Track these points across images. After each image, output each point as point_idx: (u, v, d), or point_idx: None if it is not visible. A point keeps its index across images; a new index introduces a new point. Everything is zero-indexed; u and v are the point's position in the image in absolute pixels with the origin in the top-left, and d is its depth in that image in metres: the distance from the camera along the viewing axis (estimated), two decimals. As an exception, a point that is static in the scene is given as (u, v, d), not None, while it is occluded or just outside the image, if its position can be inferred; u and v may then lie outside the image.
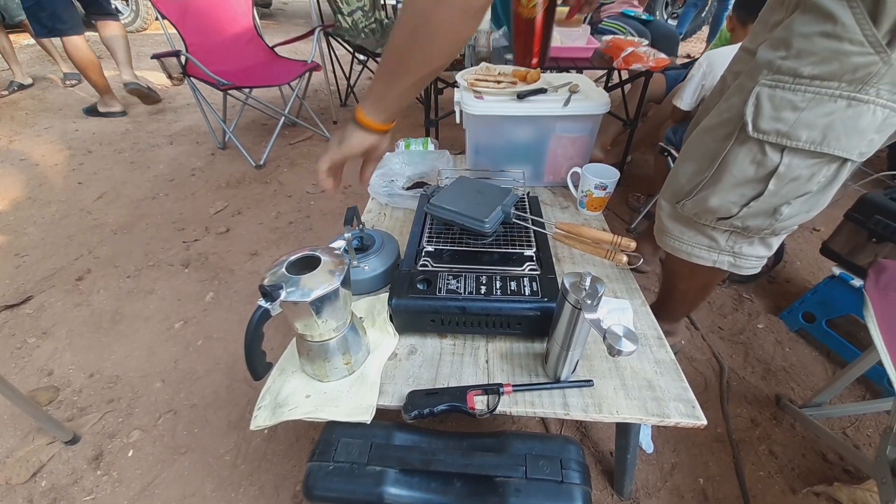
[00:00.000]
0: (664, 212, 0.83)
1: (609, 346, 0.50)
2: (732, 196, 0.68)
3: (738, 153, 0.65)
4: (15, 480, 0.91)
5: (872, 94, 0.53)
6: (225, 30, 2.18)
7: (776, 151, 0.61)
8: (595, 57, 1.57)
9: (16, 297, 1.43)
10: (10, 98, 3.01)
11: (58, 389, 1.15)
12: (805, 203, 0.65)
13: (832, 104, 0.55)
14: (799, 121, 0.58)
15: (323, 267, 0.61)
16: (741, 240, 0.75)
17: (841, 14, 0.52)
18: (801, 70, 0.56)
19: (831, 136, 0.57)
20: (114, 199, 1.99)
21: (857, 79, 0.53)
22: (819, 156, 0.59)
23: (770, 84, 0.59)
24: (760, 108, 0.60)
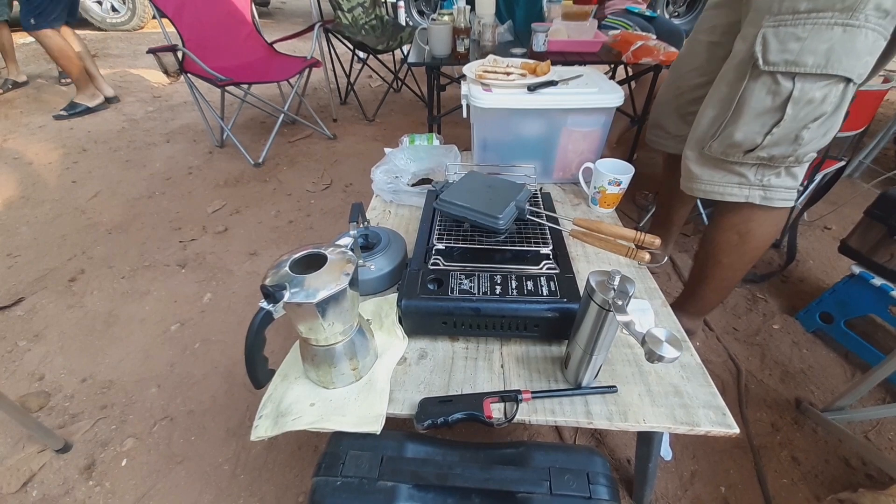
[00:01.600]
0: (691, 160, 0.86)
1: (649, 351, 0.45)
2: (755, 126, 0.73)
3: (753, 88, 0.71)
4: (6, 490, 0.86)
5: (862, 20, 0.61)
6: (223, 25, 2.14)
7: (788, 79, 0.67)
8: (602, 51, 1.53)
9: (7, 299, 1.39)
10: (5, 96, 2.96)
11: (49, 395, 1.10)
12: (821, 126, 0.71)
13: (830, 31, 0.63)
14: (804, 49, 0.65)
15: (329, 266, 0.57)
16: (769, 172, 0.79)
17: None
18: (798, 6, 0.64)
19: (833, 59, 0.64)
20: (109, 198, 1.94)
21: (846, 7, 0.61)
22: (826, 77, 0.66)
23: (773, 24, 0.67)
24: (768, 44, 0.68)
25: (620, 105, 1.04)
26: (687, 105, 1.00)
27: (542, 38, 1.44)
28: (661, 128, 1.08)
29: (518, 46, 1.58)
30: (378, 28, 2.59)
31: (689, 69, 0.97)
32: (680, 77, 1.00)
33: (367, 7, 2.52)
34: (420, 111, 2.76)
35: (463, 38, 1.48)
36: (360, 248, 0.84)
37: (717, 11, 0.89)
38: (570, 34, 1.55)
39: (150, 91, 3.11)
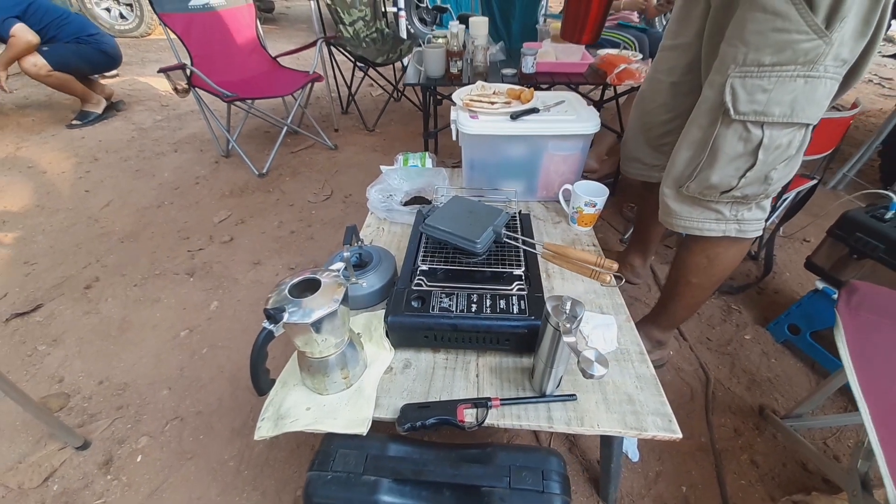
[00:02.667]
0: (669, 197, 0.92)
1: (582, 370, 0.54)
2: (730, 170, 0.79)
3: (725, 135, 0.77)
4: (28, 485, 0.95)
5: (822, 71, 0.67)
6: (229, 41, 2.23)
7: (757, 127, 0.73)
8: (589, 72, 1.61)
9: (26, 305, 1.48)
10: (18, 105, 3.07)
11: (68, 396, 1.19)
12: (787, 166, 0.78)
13: (793, 83, 0.68)
14: (770, 100, 0.70)
15: (323, 290, 0.65)
16: (742, 207, 0.86)
17: (786, 10, 0.65)
18: (763, 60, 0.69)
19: (797, 108, 0.70)
20: (120, 207, 2.03)
21: (808, 60, 0.66)
22: (791, 125, 0.72)
23: (740, 75, 0.72)
24: (736, 94, 0.73)
25: (597, 130, 1.12)
26: (658, 138, 1.06)
27: (530, 60, 1.52)
28: (637, 160, 1.14)
29: (510, 66, 1.67)
30: (378, 41, 2.67)
31: (654, 105, 1.04)
32: (646, 113, 1.07)
33: (367, 21, 2.61)
34: (419, 121, 2.83)
35: (455, 60, 1.56)
36: (353, 266, 0.93)
37: (673, 53, 0.95)
38: (558, 56, 1.63)
39: (159, 100, 3.21)
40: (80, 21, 2.63)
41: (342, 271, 0.73)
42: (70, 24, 2.55)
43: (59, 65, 2.49)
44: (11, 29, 2.28)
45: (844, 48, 0.66)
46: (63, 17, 2.53)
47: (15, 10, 2.35)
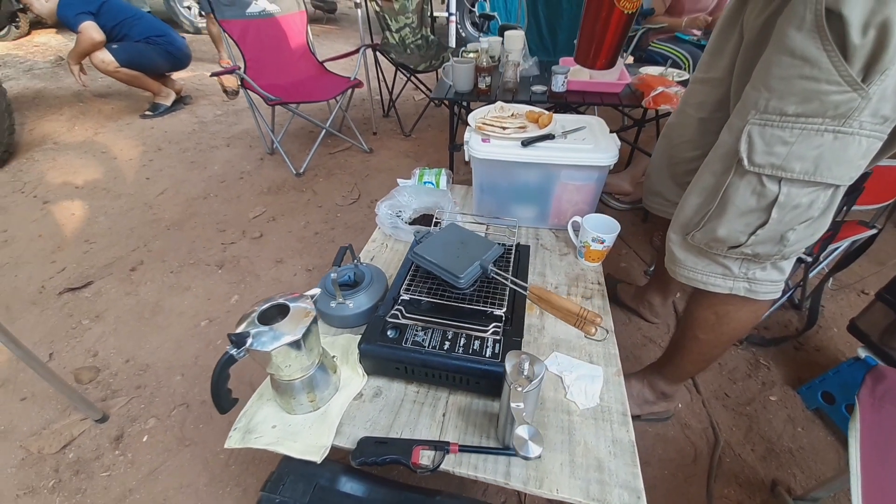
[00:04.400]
0: (675, 244, 0.84)
1: (515, 448, 0.51)
2: (738, 225, 0.71)
3: (738, 185, 0.69)
4: (47, 450, 1.07)
5: (856, 127, 0.57)
6: (280, 46, 2.35)
7: (774, 182, 0.65)
8: (625, 93, 1.51)
9: (79, 281, 1.66)
10: (101, 93, 3.42)
11: (99, 370, 1.32)
12: (808, 228, 0.68)
13: (819, 138, 0.59)
14: (791, 154, 0.62)
15: (289, 318, 0.67)
16: (753, 266, 0.77)
17: (816, 57, 0.56)
18: (786, 109, 0.61)
19: (822, 166, 0.61)
20: (172, 195, 2.22)
21: (839, 114, 0.57)
22: (814, 184, 0.63)
23: (759, 122, 0.64)
24: (753, 144, 0.64)
25: (614, 163, 1.05)
26: (682, 175, 0.98)
27: (560, 79, 1.45)
28: (659, 195, 1.07)
29: (542, 83, 1.61)
30: (423, 47, 2.69)
31: (681, 140, 0.96)
32: (673, 147, 0.99)
33: (414, 28, 2.64)
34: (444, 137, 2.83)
35: (484, 75, 1.53)
36: (342, 285, 0.95)
37: (703, 87, 0.88)
38: (592, 74, 1.55)
39: (221, 96, 3.46)
40: (151, 22, 2.86)
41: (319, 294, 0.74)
42: (141, 24, 2.77)
43: (127, 62, 2.71)
44: (80, 25, 2.51)
45: (886, 104, 0.56)
46: (135, 17, 2.76)
47: (89, 6, 2.57)
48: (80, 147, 2.68)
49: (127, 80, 2.83)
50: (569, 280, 1.06)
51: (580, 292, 1.02)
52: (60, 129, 2.91)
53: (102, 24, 2.59)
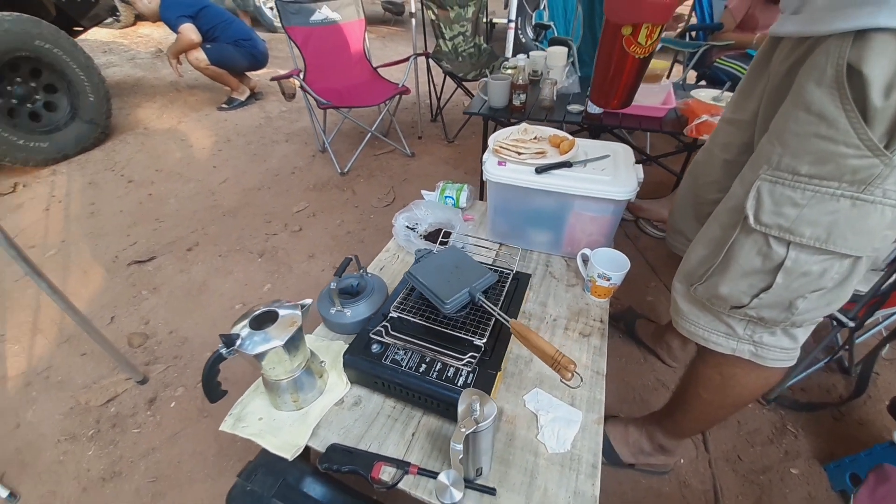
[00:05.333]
0: (679, 294, 0.80)
1: (436, 493, 0.52)
2: (741, 286, 0.66)
3: (743, 243, 0.64)
4: (92, 403, 1.25)
5: (879, 195, 0.52)
6: (339, 52, 2.49)
7: (781, 245, 0.60)
8: (669, 118, 1.43)
9: (145, 255, 1.89)
10: (190, 85, 3.82)
11: (147, 337, 1.51)
12: (822, 298, 0.62)
13: (834, 203, 0.54)
14: (801, 217, 0.57)
15: (277, 325, 0.73)
16: (760, 329, 0.71)
17: (835, 116, 0.51)
18: (799, 168, 0.56)
19: (836, 235, 0.55)
20: (233, 185, 2.44)
21: (858, 180, 0.52)
22: (827, 253, 0.57)
23: (770, 179, 0.59)
24: (761, 201, 0.60)
25: (630, 198, 1.01)
26: (707, 216, 0.91)
27: (597, 101, 1.40)
28: (682, 234, 1.00)
29: (581, 102, 1.56)
30: (475, 55, 2.71)
31: (707, 180, 0.90)
32: (698, 186, 0.93)
33: (468, 36, 2.66)
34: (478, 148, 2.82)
35: (519, 92, 1.52)
36: (345, 293, 1.01)
37: (730, 128, 0.81)
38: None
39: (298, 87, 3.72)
40: (240, 26, 3.18)
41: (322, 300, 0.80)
42: (232, 28, 3.09)
43: (216, 61, 3.04)
44: (180, 27, 2.85)
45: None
46: (228, 22, 3.09)
47: (189, 10, 2.91)
48: (165, 133, 3.03)
49: (213, 76, 3.15)
50: (570, 313, 1.03)
51: (579, 328, 0.99)
52: (151, 115, 3.31)
53: (199, 27, 2.92)
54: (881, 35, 0.47)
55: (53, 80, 2.60)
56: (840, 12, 0.50)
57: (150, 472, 1.10)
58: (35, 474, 1.09)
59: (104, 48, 5.00)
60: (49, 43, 2.50)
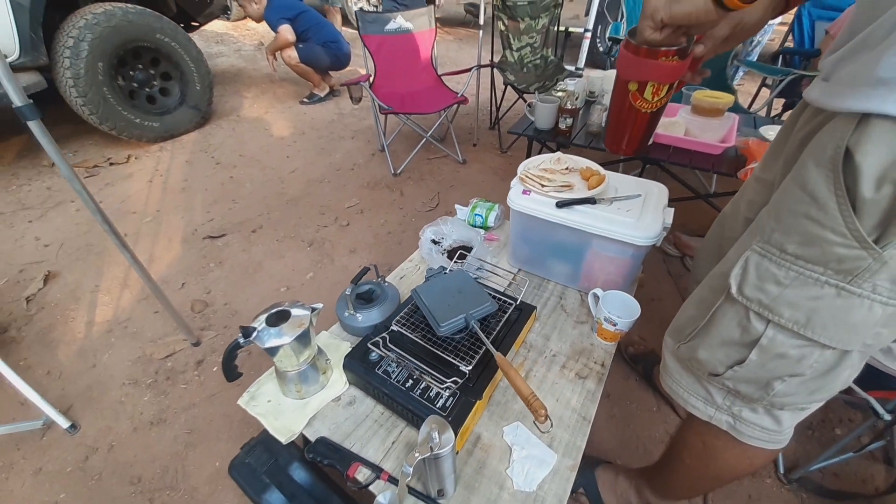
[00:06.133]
0: (668, 348, 0.78)
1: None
2: (718, 354, 0.65)
3: (726, 311, 0.62)
4: (156, 356, 1.48)
5: (867, 289, 0.48)
6: (408, 58, 2.61)
7: (760, 321, 0.57)
8: (728, 155, 1.32)
9: (218, 232, 2.16)
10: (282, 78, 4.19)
11: (206, 304, 1.74)
12: (803, 385, 0.59)
13: (818, 289, 0.51)
14: (781, 297, 0.54)
15: (288, 323, 0.84)
16: (740, 402, 0.68)
17: (825, 199, 0.48)
18: (787, 246, 0.53)
19: (816, 323, 0.52)
20: (300, 175, 2.67)
21: (844, 270, 0.49)
22: (806, 339, 0.54)
23: (760, 252, 0.57)
24: (747, 273, 0.58)
25: (651, 244, 0.98)
26: None
27: (646, 133, 1.34)
28: None
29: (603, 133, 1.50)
30: (541, 67, 2.68)
31: (730, 236, 0.84)
32: (723, 238, 0.87)
33: (535, 47, 2.64)
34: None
35: (566, 116, 1.50)
36: (359, 298, 1.09)
37: (756, 186, 0.76)
38: (690, 129, 1.39)
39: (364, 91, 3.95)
40: (330, 29, 3.45)
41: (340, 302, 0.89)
42: (322, 31, 3.37)
43: (306, 60, 3.33)
44: (279, 28, 3.17)
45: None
46: (319, 25, 3.37)
47: (288, 13, 3.24)
48: (253, 122, 3.38)
49: (300, 72, 3.47)
50: (572, 351, 1.03)
51: (577, 368, 0.99)
52: (245, 104, 3.70)
53: (295, 28, 3.24)
54: (883, 122, 0.43)
55: (169, 69, 3.02)
56: (856, 90, 0.46)
57: (187, 425, 1.29)
58: (98, 410, 1.33)
59: (217, 39, 5.65)
60: (168, 37, 2.90)
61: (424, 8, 2.54)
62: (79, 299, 1.76)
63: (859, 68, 0.47)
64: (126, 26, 2.65)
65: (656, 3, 0.51)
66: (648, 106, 0.64)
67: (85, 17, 2.51)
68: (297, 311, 0.86)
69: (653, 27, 0.54)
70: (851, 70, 0.49)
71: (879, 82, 0.43)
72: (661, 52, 0.57)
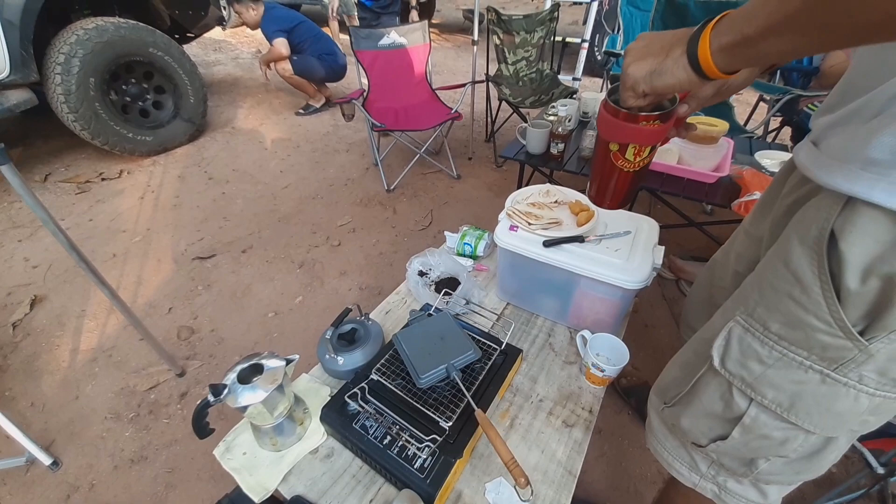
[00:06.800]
0: (653, 407, 0.75)
1: None
2: (702, 425, 0.62)
3: (709, 382, 0.59)
4: (139, 388, 1.46)
5: (853, 378, 0.45)
6: (402, 74, 2.59)
7: (744, 398, 0.55)
8: (722, 183, 1.29)
9: (207, 252, 2.13)
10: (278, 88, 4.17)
11: (193, 331, 1.71)
12: (788, 465, 0.57)
13: (801, 373, 0.48)
14: (764, 376, 0.52)
15: (262, 378, 0.80)
16: (724, 472, 0.65)
17: (809, 283, 0.45)
18: (770, 324, 0.50)
19: (800, 407, 0.50)
20: (292, 191, 2.64)
21: (829, 357, 0.46)
22: (790, 423, 0.52)
23: (743, 325, 0.54)
24: (730, 347, 0.55)
25: (640, 287, 0.94)
26: None
27: (639, 161, 1.31)
28: (692, 329, 0.92)
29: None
30: (536, 81, 2.65)
31: (720, 285, 0.81)
32: (713, 286, 0.84)
33: (531, 61, 2.61)
34: None
35: (557, 141, 1.47)
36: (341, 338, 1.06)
37: (745, 240, 0.73)
38: (683, 157, 1.35)
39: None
40: (327, 42, 3.43)
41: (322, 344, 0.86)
42: (318, 43, 3.35)
43: (300, 72, 3.31)
44: (274, 41, 3.15)
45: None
46: (315, 37, 3.34)
47: (286, 24, 3.22)
48: (248, 134, 3.36)
49: (295, 84, 3.45)
50: (560, 396, 0.99)
51: (564, 415, 0.95)
52: (240, 115, 3.68)
53: (291, 39, 3.21)
54: (870, 210, 0.40)
55: (162, 82, 3.00)
56: (844, 167, 0.43)
57: (168, 463, 1.26)
58: (79, 446, 1.30)
59: (214, 46, 5.63)
60: (161, 51, 2.88)
61: (419, 23, 2.52)
62: (64, 325, 1.73)
63: (849, 142, 0.44)
64: (118, 41, 2.63)
65: (636, 75, 0.48)
66: (630, 166, 0.61)
67: (76, 33, 2.50)
68: (272, 362, 0.83)
69: (634, 97, 0.51)
70: (841, 142, 0.45)
71: (869, 163, 0.40)
72: (641, 116, 0.54)
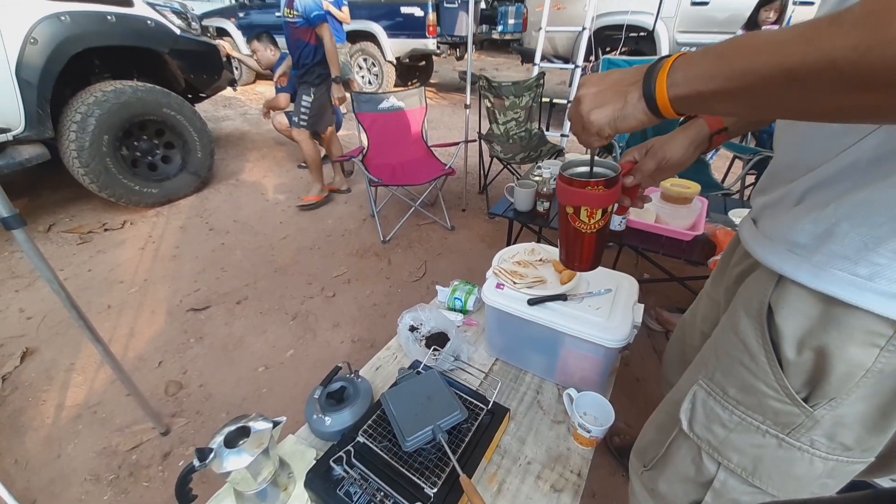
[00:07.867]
0: (633, 469, 0.75)
1: None
2: (677, 489, 0.62)
3: (681, 445, 0.61)
4: (121, 448, 1.42)
5: (805, 443, 0.48)
6: (399, 133, 2.76)
7: (712, 462, 0.56)
8: (698, 242, 1.35)
9: (202, 304, 2.15)
10: (279, 141, 4.38)
11: (181, 387, 1.69)
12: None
13: (760, 437, 0.50)
14: (728, 440, 0.53)
15: (247, 444, 0.80)
16: None
17: (756, 351, 0.49)
18: (728, 389, 0.53)
19: (762, 471, 0.51)
20: (290, 242, 2.71)
21: (781, 423, 0.48)
22: (756, 487, 0.53)
23: (705, 389, 0.56)
24: (695, 411, 0.57)
25: (621, 346, 0.97)
26: None
27: (618, 218, 1.38)
28: (671, 385, 0.93)
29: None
30: (525, 139, 2.81)
31: (691, 343, 0.84)
32: (685, 344, 0.87)
33: (520, 121, 2.79)
34: None
35: (543, 200, 1.55)
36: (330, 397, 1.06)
37: (709, 302, 0.76)
38: (660, 216, 1.43)
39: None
40: None
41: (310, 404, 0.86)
42: None
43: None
44: (278, 94, 3.33)
45: (847, 433, 0.45)
46: None
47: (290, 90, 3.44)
48: (251, 186, 3.49)
49: (289, 137, 3.60)
50: (549, 458, 0.98)
51: (552, 479, 0.94)
52: (245, 168, 3.84)
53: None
54: (797, 289, 0.44)
55: (172, 138, 3.17)
56: (775, 246, 0.48)
57: (145, 531, 1.21)
58: (58, 510, 1.25)
59: (225, 103, 5.98)
60: (174, 111, 3.07)
61: (416, 89, 2.72)
62: (52, 379, 1.71)
63: (778, 224, 0.49)
64: (135, 102, 2.82)
65: (600, 122, 0.50)
66: (587, 227, 0.66)
67: (94, 95, 2.67)
68: (259, 424, 0.83)
69: (600, 140, 0.56)
70: (773, 223, 0.51)
71: (795, 245, 0.45)
72: (590, 182, 0.60)
